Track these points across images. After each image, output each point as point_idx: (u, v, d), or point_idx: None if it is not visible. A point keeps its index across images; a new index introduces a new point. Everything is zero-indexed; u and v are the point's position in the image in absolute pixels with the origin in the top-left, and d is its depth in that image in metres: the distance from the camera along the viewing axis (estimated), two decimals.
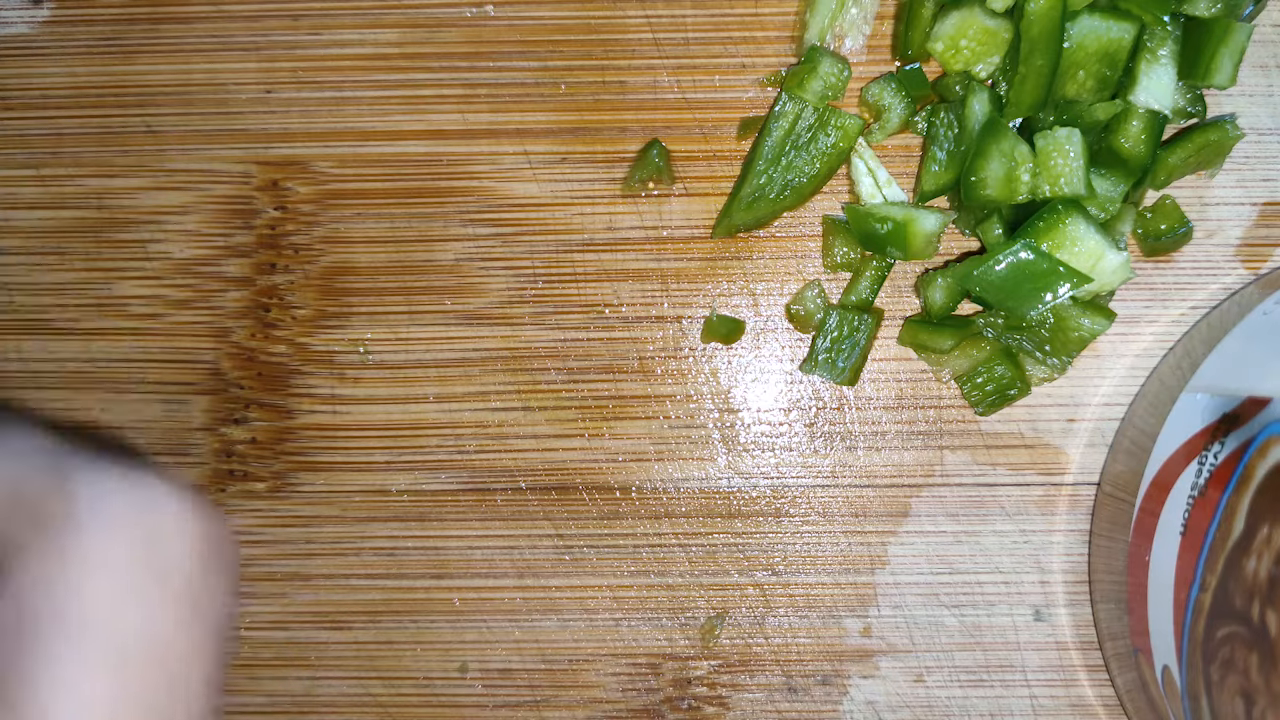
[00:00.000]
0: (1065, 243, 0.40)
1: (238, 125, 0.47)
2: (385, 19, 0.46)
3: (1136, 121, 0.42)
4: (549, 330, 0.46)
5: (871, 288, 0.45)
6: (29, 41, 0.47)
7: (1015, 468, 0.46)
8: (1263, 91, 0.45)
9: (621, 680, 0.46)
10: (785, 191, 0.44)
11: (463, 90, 0.46)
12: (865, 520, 0.46)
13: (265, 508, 0.47)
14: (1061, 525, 0.46)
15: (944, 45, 0.42)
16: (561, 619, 0.46)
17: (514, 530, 0.47)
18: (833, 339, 0.45)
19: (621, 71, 0.46)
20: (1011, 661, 0.46)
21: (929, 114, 0.44)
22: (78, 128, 0.47)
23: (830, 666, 0.46)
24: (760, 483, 0.46)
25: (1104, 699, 0.46)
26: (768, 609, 0.46)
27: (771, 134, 0.44)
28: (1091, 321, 0.42)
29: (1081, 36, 0.41)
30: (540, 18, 0.46)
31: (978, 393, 0.44)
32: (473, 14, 0.46)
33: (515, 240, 0.46)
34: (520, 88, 0.46)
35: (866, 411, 0.46)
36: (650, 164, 0.45)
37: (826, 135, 0.44)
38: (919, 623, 0.46)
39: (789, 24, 0.46)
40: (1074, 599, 0.46)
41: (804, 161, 0.44)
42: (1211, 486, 0.37)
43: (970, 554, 0.46)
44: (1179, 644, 0.38)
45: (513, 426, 0.46)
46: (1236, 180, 0.45)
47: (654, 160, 0.45)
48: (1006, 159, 0.41)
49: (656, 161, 0.45)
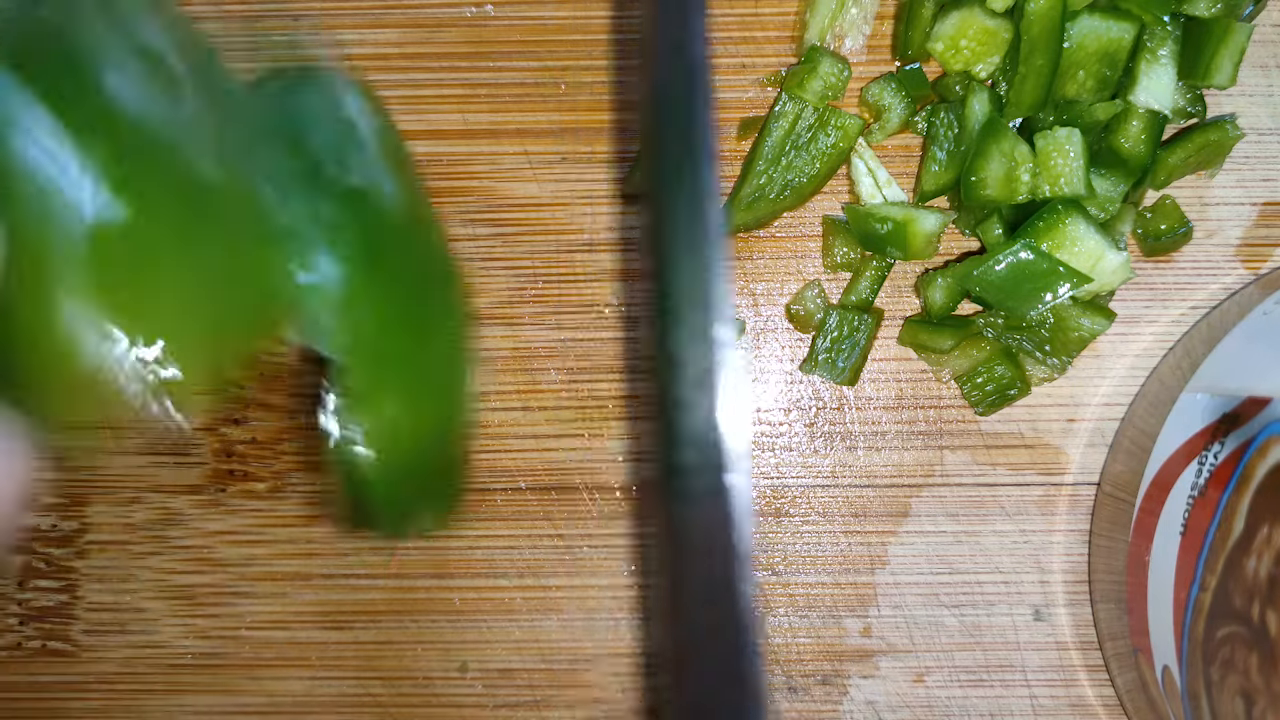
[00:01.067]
0: (1065, 243, 0.40)
1: None
2: (385, 19, 0.46)
3: (1136, 121, 0.42)
4: (549, 330, 0.46)
5: (871, 288, 0.45)
6: None
7: (1015, 468, 0.46)
8: (1263, 91, 0.45)
9: (621, 680, 0.47)
10: (785, 191, 0.44)
11: (463, 90, 0.46)
12: (865, 520, 0.46)
13: (265, 508, 0.47)
14: (1061, 525, 0.46)
15: (944, 45, 0.42)
16: (561, 619, 0.46)
17: (514, 530, 0.47)
18: (833, 339, 0.45)
19: (621, 72, 0.46)
20: (1011, 661, 0.46)
21: (929, 114, 0.44)
22: None
23: (830, 666, 0.46)
24: (760, 483, 0.46)
25: (1104, 699, 0.46)
26: (768, 609, 0.46)
27: (771, 134, 0.44)
28: (1091, 321, 0.42)
29: (1081, 36, 0.41)
30: (540, 18, 0.46)
31: (978, 393, 0.44)
32: (473, 14, 0.46)
33: (515, 240, 0.46)
34: (520, 88, 0.46)
35: (866, 411, 0.46)
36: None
37: (826, 135, 0.44)
38: (919, 623, 0.46)
39: (789, 24, 0.46)
40: (1074, 599, 0.46)
41: (804, 161, 0.44)
42: (1211, 486, 0.37)
43: (970, 554, 0.46)
44: (1179, 644, 0.38)
45: (513, 426, 0.46)
46: (1236, 180, 0.45)
47: None
48: (1006, 159, 0.41)
49: None
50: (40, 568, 0.48)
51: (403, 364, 0.35)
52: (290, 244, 0.32)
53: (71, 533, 0.47)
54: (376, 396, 0.34)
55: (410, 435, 0.35)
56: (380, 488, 0.34)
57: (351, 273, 0.33)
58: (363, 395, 0.33)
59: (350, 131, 0.35)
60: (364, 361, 0.34)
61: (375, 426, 0.34)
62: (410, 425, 0.35)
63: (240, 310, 0.32)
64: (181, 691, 0.47)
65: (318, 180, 0.33)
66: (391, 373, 0.34)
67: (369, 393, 0.33)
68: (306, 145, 0.34)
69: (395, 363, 0.34)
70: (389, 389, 0.34)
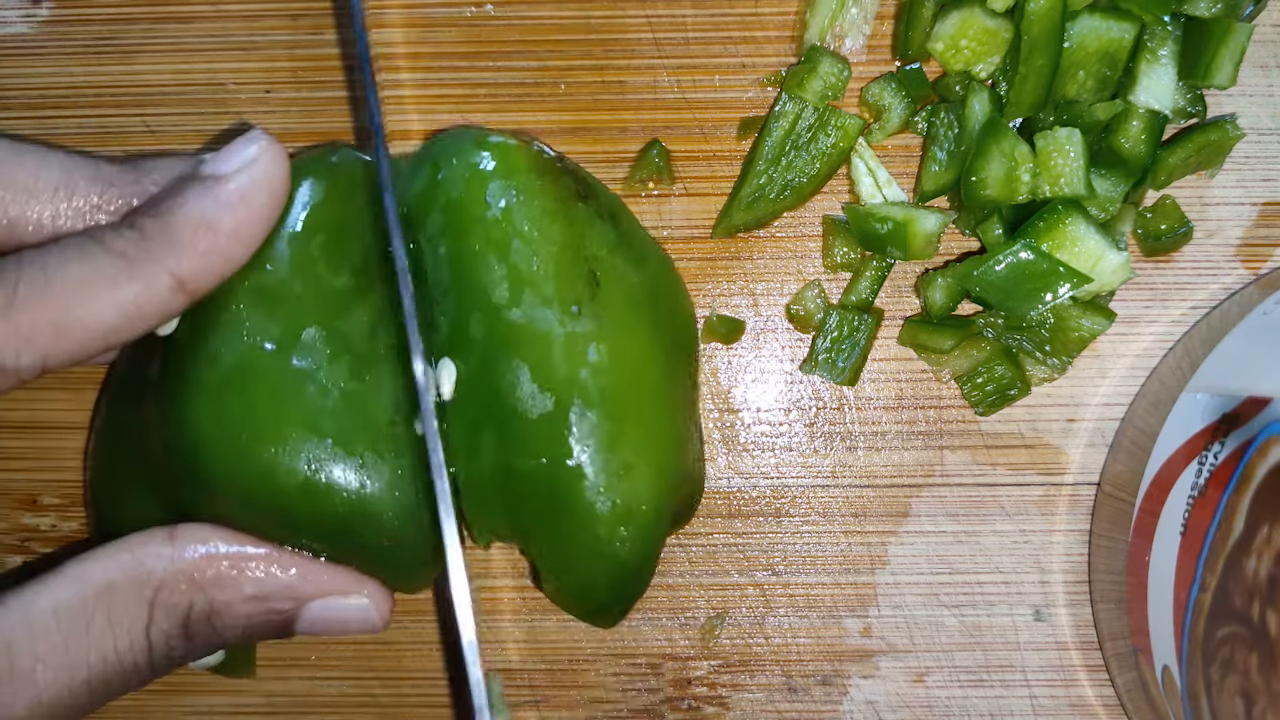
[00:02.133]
0: (1065, 243, 0.40)
1: (237, 125, 0.47)
2: (385, 19, 0.46)
3: (1136, 121, 0.42)
4: None
5: (871, 288, 0.45)
6: (27, 41, 0.47)
7: (1015, 468, 0.46)
8: (1263, 91, 0.45)
9: (621, 680, 0.47)
10: (785, 191, 0.44)
11: (463, 90, 0.46)
12: (865, 520, 0.46)
13: None
14: (1061, 525, 0.46)
15: (944, 45, 0.42)
16: (561, 619, 0.46)
17: None
18: (833, 339, 0.45)
19: (621, 71, 0.46)
20: (1011, 661, 0.46)
21: (929, 114, 0.44)
22: (76, 128, 0.47)
23: (830, 666, 0.46)
24: (760, 483, 0.46)
25: (1104, 699, 0.46)
26: (768, 609, 0.46)
27: (771, 134, 0.44)
28: (1091, 321, 0.42)
29: (1081, 36, 0.41)
30: (540, 18, 0.46)
31: (978, 393, 0.44)
32: (472, 14, 0.46)
33: None
34: (520, 88, 0.46)
35: (866, 411, 0.46)
36: (650, 164, 0.45)
37: (826, 135, 0.44)
38: (919, 623, 0.46)
39: (789, 24, 0.46)
40: (1074, 599, 0.46)
41: (804, 161, 0.44)
42: (1211, 486, 0.37)
43: (970, 554, 0.46)
44: (1179, 644, 0.38)
45: None
46: (1236, 180, 0.45)
47: (654, 160, 0.45)
48: (1006, 159, 0.41)
49: (656, 161, 0.45)
50: (40, 568, 0.48)
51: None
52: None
53: (71, 533, 0.47)
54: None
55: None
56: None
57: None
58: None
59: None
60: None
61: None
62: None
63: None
64: (181, 691, 0.47)
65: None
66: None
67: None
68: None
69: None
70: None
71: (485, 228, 0.38)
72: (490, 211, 0.38)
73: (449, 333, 0.38)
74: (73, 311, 0.32)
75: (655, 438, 0.38)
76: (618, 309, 0.38)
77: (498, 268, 0.37)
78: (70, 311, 0.32)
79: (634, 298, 0.39)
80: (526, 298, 0.37)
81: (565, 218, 0.39)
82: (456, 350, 0.38)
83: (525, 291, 0.37)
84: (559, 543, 0.38)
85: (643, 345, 0.39)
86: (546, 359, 0.37)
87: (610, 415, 0.37)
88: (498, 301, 0.37)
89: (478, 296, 0.37)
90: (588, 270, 0.38)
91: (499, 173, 0.39)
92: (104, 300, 0.32)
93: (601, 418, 0.37)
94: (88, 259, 0.33)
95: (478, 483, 0.38)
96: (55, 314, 0.32)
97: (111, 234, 0.34)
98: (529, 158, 0.39)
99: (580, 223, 0.39)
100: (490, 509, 0.38)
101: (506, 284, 0.37)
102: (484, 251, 0.38)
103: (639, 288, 0.40)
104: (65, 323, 0.32)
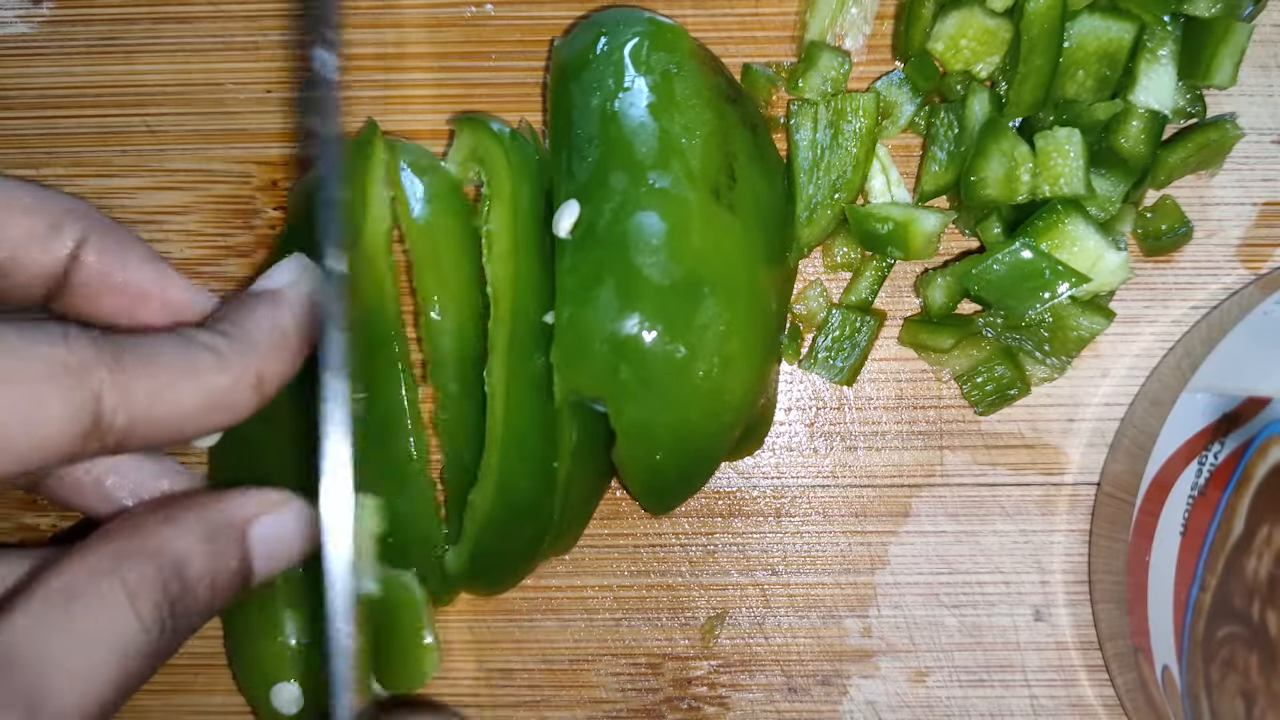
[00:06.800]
0: (1065, 242, 0.40)
1: (237, 125, 0.47)
2: (384, 19, 0.46)
3: (1136, 121, 0.42)
4: None
5: (872, 288, 0.45)
6: (28, 41, 0.47)
7: (1015, 468, 0.46)
8: (1263, 91, 0.45)
9: (621, 680, 0.47)
10: (837, 191, 0.44)
11: (462, 90, 0.46)
12: (865, 520, 0.46)
13: None
14: (1061, 525, 0.46)
15: (944, 45, 0.42)
16: (561, 619, 0.46)
17: None
18: (834, 338, 0.45)
19: None
20: (1011, 661, 0.46)
21: (929, 114, 0.44)
22: (76, 128, 0.47)
23: (830, 666, 0.46)
24: (760, 483, 0.46)
25: (1104, 699, 0.46)
26: (768, 609, 0.46)
27: (798, 146, 0.44)
28: (1091, 321, 0.42)
29: (1081, 36, 0.41)
30: (540, 18, 0.46)
31: (978, 393, 0.44)
32: (472, 13, 0.46)
33: None
34: (520, 88, 0.46)
35: (866, 411, 0.46)
36: None
37: (849, 121, 0.43)
38: (919, 623, 0.46)
39: (789, 24, 0.46)
40: (1074, 599, 0.46)
41: (841, 154, 0.44)
42: (1211, 486, 0.37)
43: (970, 554, 0.46)
44: (1179, 644, 0.38)
45: None
46: (1236, 180, 0.45)
47: None
48: (1006, 159, 0.41)
49: None
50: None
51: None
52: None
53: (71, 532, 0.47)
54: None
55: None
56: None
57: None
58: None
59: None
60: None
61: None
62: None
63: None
64: (182, 691, 0.47)
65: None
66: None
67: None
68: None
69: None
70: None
71: (646, 90, 0.39)
72: (653, 76, 0.39)
73: (585, 181, 0.39)
74: (170, 387, 0.34)
75: (756, 345, 0.39)
76: (746, 213, 0.40)
77: (652, 130, 0.39)
78: (168, 387, 0.34)
79: (761, 209, 0.41)
80: (675, 166, 0.38)
81: (716, 109, 0.40)
82: (590, 198, 0.39)
83: (673, 160, 0.38)
84: (649, 411, 0.38)
85: (761, 258, 0.40)
86: (685, 230, 0.38)
87: (731, 306, 0.38)
88: (643, 160, 0.38)
89: (624, 154, 0.39)
90: (729, 165, 0.39)
91: (665, 46, 0.40)
92: (197, 385, 0.34)
93: (723, 305, 0.38)
94: (184, 348, 0.35)
95: (584, 333, 0.38)
96: (154, 384, 0.33)
97: (203, 332, 0.36)
98: (693, 44, 0.41)
99: (727, 119, 0.40)
100: (588, 361, 0.38)
101: (657, 148, 0.38)
102: (641, 111, 0.39)
103: (765, 201, 0.41)
104: (161, 396, 0.33)
